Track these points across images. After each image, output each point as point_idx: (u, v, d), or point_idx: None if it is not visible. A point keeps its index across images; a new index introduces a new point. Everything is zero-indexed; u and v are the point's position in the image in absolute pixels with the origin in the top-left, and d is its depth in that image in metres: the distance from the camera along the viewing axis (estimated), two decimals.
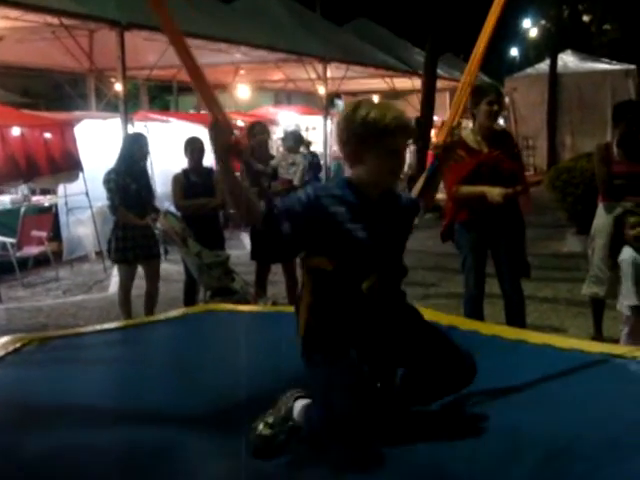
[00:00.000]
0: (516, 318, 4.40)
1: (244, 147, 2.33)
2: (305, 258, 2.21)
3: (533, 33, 31.86)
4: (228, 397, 2.60)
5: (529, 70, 21.97)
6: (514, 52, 36.71)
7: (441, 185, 2.81)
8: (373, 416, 2.03)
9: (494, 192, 4.13)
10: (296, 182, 5.69)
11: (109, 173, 5.48)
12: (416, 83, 17.92)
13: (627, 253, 4.35)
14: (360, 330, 2.18)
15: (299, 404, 2.17)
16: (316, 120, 15.49)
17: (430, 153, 11.00)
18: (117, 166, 5.46)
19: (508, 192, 4.14)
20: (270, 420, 2.17)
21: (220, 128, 2.11)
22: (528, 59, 30.14)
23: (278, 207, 2.12)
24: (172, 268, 6.98)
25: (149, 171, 5.67)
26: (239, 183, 2.18)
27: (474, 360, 2.24)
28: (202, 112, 15.32)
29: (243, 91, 18.14)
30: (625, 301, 4.33)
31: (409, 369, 2.26)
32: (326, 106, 15.52)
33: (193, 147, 5.58)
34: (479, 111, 4.25)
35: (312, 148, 12.63)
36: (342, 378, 2.06)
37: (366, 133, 2.13)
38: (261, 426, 2.17)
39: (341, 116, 2.25)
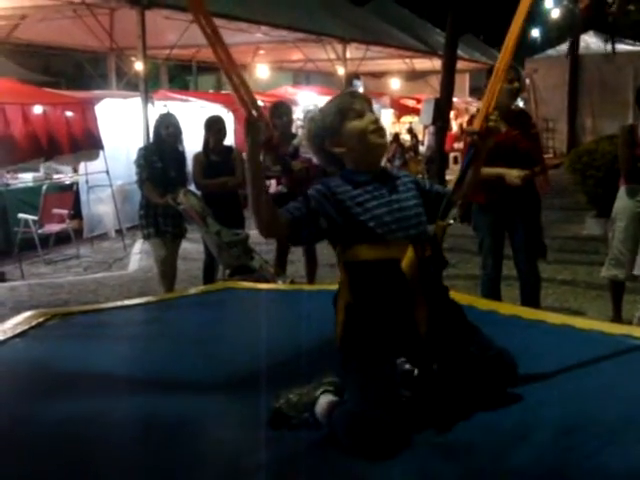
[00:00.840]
0: (531, 299, 4.41)
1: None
2: (339, 254, 2.15)
3: (555, 14, 31.40)
4: (246, 373, 2.63)
5: (550, 51, 21.72)
6: (535, 33, 36.25)
7: (456, 167, 2.74)
8: (402, 431, 1.95)
9: (512, 174, 4.09)
10: (316, 161, 5.69)
11: (140, 149, 5.62)
12: (436, 64, 17.78)
13: None
14: (401, 325, 2.10)
15: (324, 399, 2.10)
16: None
17: (450, 134, 11.00)
18: (148, 143, 5.56)
19: (527, 174, 4.11)
20: (294, 400, 2.14)
21: (256, 124, 2.02)
22: (549, 40, 29.73)
23: (300, 211, 2.08)
24: (191, 247, 7.03)
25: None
26: (266, 191, 2.12)
27: (516, 364, 2.19)
28: (222, 92, 15.34)
29: (262, 71, 18.13)
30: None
31: (447, 368, 2.18)
32: (345, 87, 15.46)
33: (214, 126, 5.60)
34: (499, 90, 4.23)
35: None
36: (377, 390, 1.99)
37: (328, 122, 2.16)
38: (283, 401, 2.15)
39: (305, 137, 2.30)
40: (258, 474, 1.92)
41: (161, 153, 5.42)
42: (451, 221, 2.24)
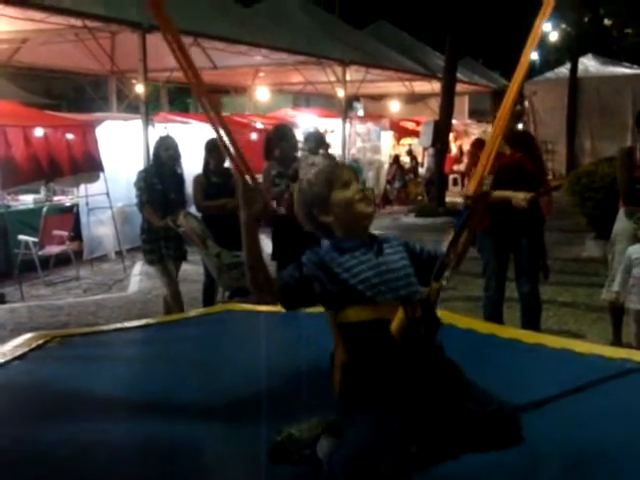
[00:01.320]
0: (531, 322, 4.41)
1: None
2: (332, 316, 2.17)
3: (553, 37, 31.68)
4: (245, 399, 2.62)
5: (549, 74, 21.87)
6: (534, 56, 36.56)
7: (455, 188, 2.75)
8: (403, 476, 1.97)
9: (519, 197, 4.12)
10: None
11: (140, 172, 5.65)
12: (435, 86, 17.90)
13: (633, 249, 4.49)
14: (396, 387, 2.11)
15: (326, 439, 2.13)
16: (335, 123, 15.53)
17: (449, 157, 10.98)
18: (148, 166, 5.58)
19: (532, 196, 4.14)
20: (296, 435, 2.16)
21: (253, 194, 2.03)
22: (548, 63, 29.97)
23: (293, 278, 2.10)
24: (191, 269, 7.03)
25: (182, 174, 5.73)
26: (262, 258, 2.10)
27: (518, 418, 2.17)
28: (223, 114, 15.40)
29: (262, 93, 18.24)
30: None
31: (448, 430, 2.15)
32: (345, 109, 15.55)
33: (215, 148, 5.63)
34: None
35: (330, 151, 12.65)
36: (382, 439, 1.99)
37: (316, 191, 2.18)
38: (285, 435, 2.16)
39: (295, 206, 2.27)
40: None
41: (161, 175, 5.44)
42: (444, 282, 2.22)
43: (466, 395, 2.16)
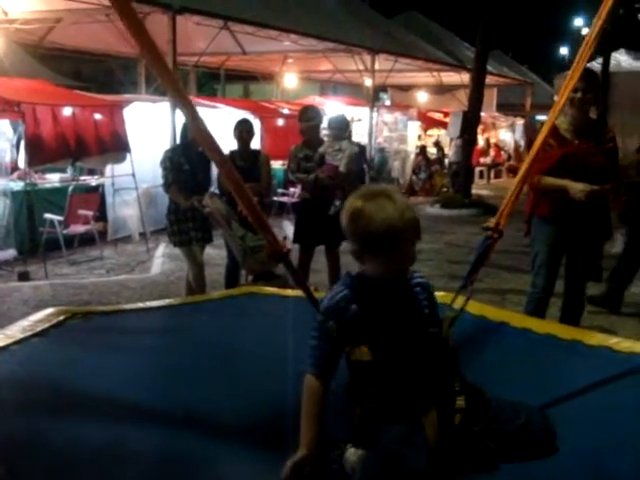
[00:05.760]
0: (571, 320, 4.14)
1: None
2: (346, 353, 2.08)
3: (585, 32, 31.27)
4: (264, 384, 2.56)
5: None
6: (564, 51, 36.17)
7: (481, 181, 2.67)
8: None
9: (577, 187, 3.81)
10: (342, 169, 5.62)
11: (167, 151, 5.60)
12: (464, 78, 17.72)
13: None
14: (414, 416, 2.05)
15: (353, 452, 2.04)
16: (362, 111, 15.42)
17: (477, 150, 10.86)
18: (175, 146, 5.52)
19: (593, 189, 3.80)
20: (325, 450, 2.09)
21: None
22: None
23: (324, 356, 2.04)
24: (213, 252, 6.99)
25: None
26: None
27: (550, 425, 2.12)
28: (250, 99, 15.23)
29: (290, 80, 18.19)
30: None
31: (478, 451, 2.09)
32: (372, 98, 15.43)
33: (242, 129, 5.57)
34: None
35: (358, 139, 12.56)
36: (408, 443, 1.97)
37: (375, 236, 1.94)
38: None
39: (347, 217, 2.01)
40: None
41: (188, 156, 5.39)
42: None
43: (490, 416, 2.10)
